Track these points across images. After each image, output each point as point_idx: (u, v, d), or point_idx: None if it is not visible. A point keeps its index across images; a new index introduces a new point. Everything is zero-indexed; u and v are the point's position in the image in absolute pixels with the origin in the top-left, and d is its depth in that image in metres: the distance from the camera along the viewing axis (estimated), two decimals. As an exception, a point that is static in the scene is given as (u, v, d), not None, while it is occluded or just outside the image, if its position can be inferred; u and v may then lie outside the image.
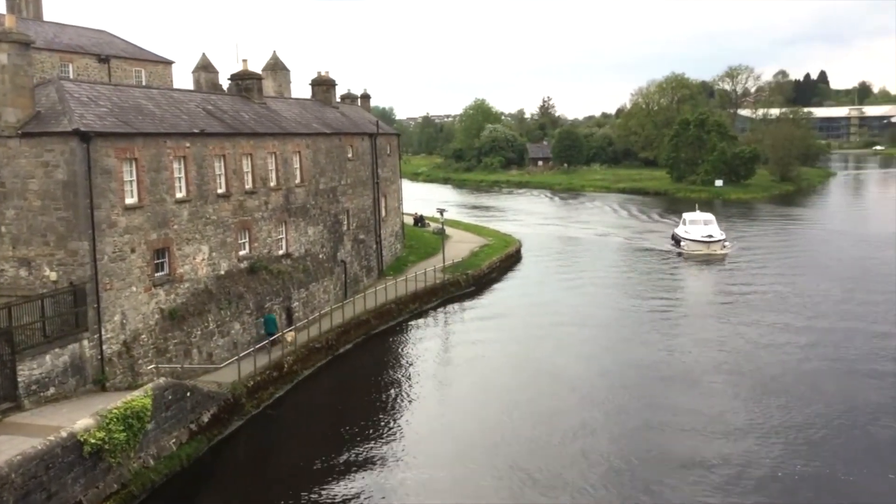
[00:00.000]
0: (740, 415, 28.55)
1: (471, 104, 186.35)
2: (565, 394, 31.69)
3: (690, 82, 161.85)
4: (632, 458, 25.24)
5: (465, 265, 54.58)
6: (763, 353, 35.96)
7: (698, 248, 60.82)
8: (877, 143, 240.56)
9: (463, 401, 32.12)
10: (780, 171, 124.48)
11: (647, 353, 36.59)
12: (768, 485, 23.14)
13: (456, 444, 27.42)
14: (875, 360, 34.52)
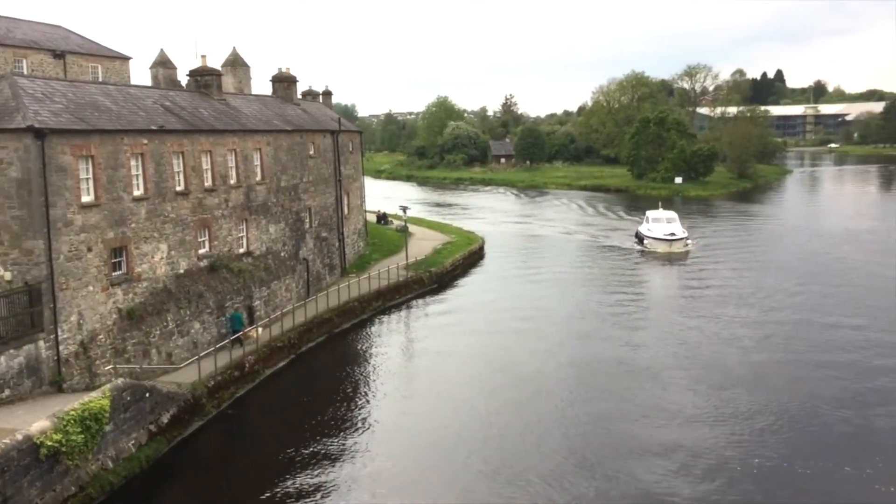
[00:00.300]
0: (700, 409, 28.98)
1: (433, 101, 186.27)
2: (527, 388, 31.89)
3: (650, 81, 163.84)
4: (592, 452, 25.52)
5: (428, 263, 54.60)
6: (722, 347, 36.55)
7: (661, 247, 61.20)
8: (831, 141, 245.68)
9: (426, 397, 32.16)
10: (737, 168, 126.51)
11: (608, 348, 37.00)
12: (727, 478, 23.50)
13: (419, 440, 27.47)
14: (830, 351, 35.31)
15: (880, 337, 37.36)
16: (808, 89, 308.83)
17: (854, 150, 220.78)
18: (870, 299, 44.88)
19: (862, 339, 37.10)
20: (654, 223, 64.11)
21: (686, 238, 62.60)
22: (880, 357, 34.34)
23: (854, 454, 24.75)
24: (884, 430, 26.73)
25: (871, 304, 43.84)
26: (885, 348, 35.58)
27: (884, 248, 62.93)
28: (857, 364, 33.47)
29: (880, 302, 44.22)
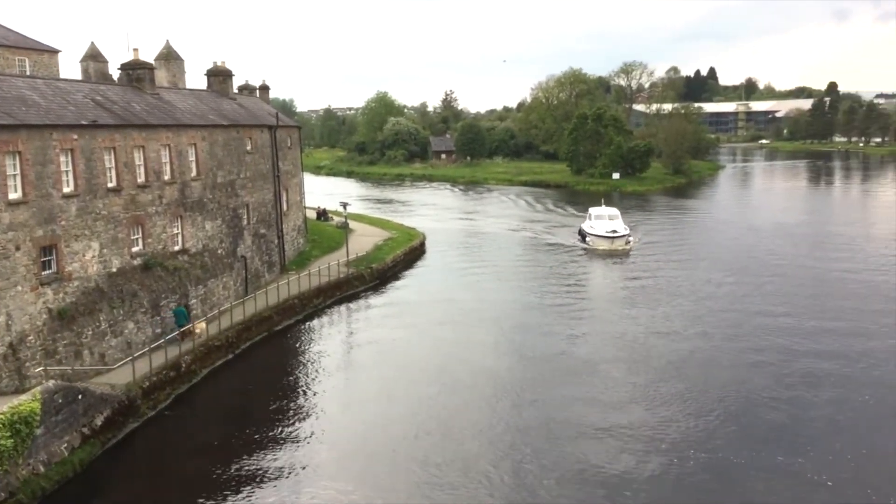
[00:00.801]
0: (637, 400, 29.55)
1: (373, 97, 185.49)
2: (468, 384, 32.03)
3: (588, 78, 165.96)
4: (531, 443, 25.80)
5: (369, 259, 54.37)
6: (659, 339, 37.30)
7: (603, 244, 61.20)
8: (762, 137, 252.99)
9: (368, 395, 32.01)
10: (673, 164, 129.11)
11: (549, 341, 37.42)
12: (664, 470, 23.99)
13: (362, 437, 27.34)
14: (762, 342, 36.33)
15: (810, 327, 38.61)
16: (740, 87, 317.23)
17: (784, 145, 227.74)
18: (799, 291, 46.38)
19: (792, 329, 38.28)
20: (597, 220, 64.09)
21: (628, 235, 62.65)
22: (810, 347, 35.50)
23: (786, 443, 25.48)
24: (814, 418, 27.58)
25: (801, 295, 45.30)
26: (814, 338, 36.77)
27: (812, 241, 65.13)
28: (788, 354, 34.52)
29: (810, 294, 45.74)
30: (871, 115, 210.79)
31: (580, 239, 65.21)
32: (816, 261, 56.02)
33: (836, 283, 48.77)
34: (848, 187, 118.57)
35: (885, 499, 21.70)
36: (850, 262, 54.86)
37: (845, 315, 40.62)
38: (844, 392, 29.74)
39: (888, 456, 24.54)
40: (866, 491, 22.15)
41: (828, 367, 32.54)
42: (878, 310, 41.48)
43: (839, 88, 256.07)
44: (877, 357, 33.76)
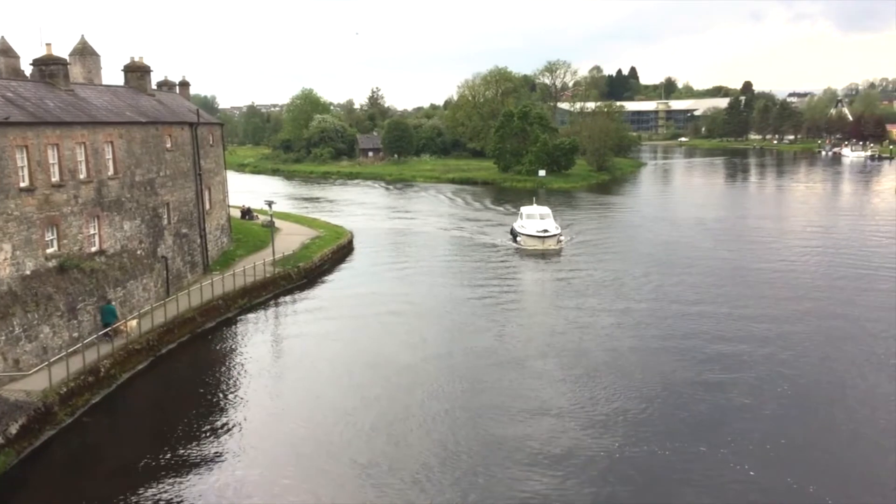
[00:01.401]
0: (564, 396, 29.87)
1: (298, 94, 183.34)
2: (397, 382, 31.93)
3: (513, 76, 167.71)
4: (459, 444, 25.80)
5: (296, 258, 53.68)
6: (587, 335, 37.80)
7: (534, 244, 60.71)
8: (681, 135, 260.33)
9: (296, 396, 31.59)
10: (596, 161, 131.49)
11: (478, 340, 37.51)
12: (590, 462, 24.29)
13: (288, 440, 26.94)
14: (686, 335, 37.18)
15: (730, 318, 39.75)
16: (660, 86, 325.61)
17: (702, 143, 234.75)
18: (719, 283, 47.77)
19: (713, 320, 39.37)
20: (528, 220, 63.55)
21: (559, 234, 62.31)
22: (730, 338, 36.55)
23: (709, 434, 26.05)
24: (735, 408, 28.34)
25: (721, 287, 46.66)
26: (734, 329, 37.88)
27: (730, 236, 67.25)
28: (710, 345, 35.47)
29: (728, 286, 47.16)
30: (784, 113, 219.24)
31: (512, 238, 64.64)
32: (734, 254, 57.88)
33: (753, 275, 50.40)
34: (763, 183, 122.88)
35: (804, 485, 22.42)
36: (765, 255, 56.83)
37: (763, 306, 42.02)
38: (763, 382, 30.67)
39: (805, 445, 25.30)
40: (786, 479, 22.79)
41: (747, 358, 33.55)
42: (794, 301, 43.04)
43: (754, 87, 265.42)
44: (793, 348, 34.95)
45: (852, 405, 28.48)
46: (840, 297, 43.93)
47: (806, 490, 22.19)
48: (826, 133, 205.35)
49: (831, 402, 28.80)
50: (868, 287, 46.11)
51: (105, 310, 34.15)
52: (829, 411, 28.03)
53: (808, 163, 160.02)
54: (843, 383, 30.62)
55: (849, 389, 29.97)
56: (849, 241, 62.63)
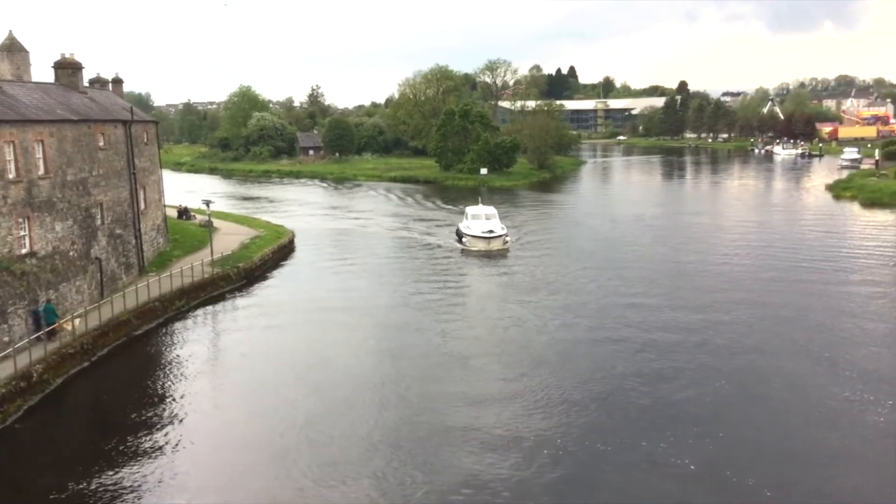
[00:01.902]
0: (507, 393, 29.92)
1: (236, 91, 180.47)
2: (340, 382, 31.63)
3: (454, 74, 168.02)
4: (403, 441, 25.69)
5: (235, 258, 52.77)
6: (530, 334, 37.83)
7: (479, 244, 59.57)
8: (620, 134, 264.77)
9: (236, 398, 31.02)
10: (537, 159, 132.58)
11: (421, 340, 37.31)
12: (533, 460, 24.31)
13: (229, 445, 26.48)
14: (627, 331, 37.52)
15: (670, 314, 40.30)
16: (598, 85, 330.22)
17: (639, 142, 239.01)
18: (658, 280, 48.53)
19: (654, 316, 39.87)
20: (474, 220, 62.06)
21: (505, 235, 61.15)
22: (670, 333, 37.05)
23: (649, 428, 26.35)
24: (675, 402, 28.69)
25: (660, 284, 47.39)
26: (673, 325, 38.42)
27: (668, 232, 68.54)
28: (650, 340, 35.87)
29: (667, 282, 47.95)
30: (718, 112, 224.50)
31: (457, 239, 63.40)
32: (672, 249, 58.94)
33: (690, 269, 51.41)
34: (698, 180, 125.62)
35: (743, 479, 22.78)
36: (701, 250, 57.98)
37: (700, 300, 42.82)
38: (700, 375, 31.22)
39: (744, 437, 25.73)
40: (725, 473, 23.17)
41: (686, 353, 34.05)
42: (729, 294, 43.94)
43: (689, 87, 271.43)
44: (729, 340, 35.65)
45: (786, 395, 29.20)
46: (773, 289, 45.03)
47: (745, 482, 22.61)
48: (758, 132, 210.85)
49: (767, 393, 29.43)
50: (798, 278, 47.41)
51: (46, 309, 33.57)
52: (764, 402, 28.64)
53: (741, 160, 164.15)
54: (777, 374, 31.32)
55: (782, 379, 30.69)
56: (781, 235, 64.35)
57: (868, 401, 28.17)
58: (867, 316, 39.21)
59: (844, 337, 35.86)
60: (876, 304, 41.58)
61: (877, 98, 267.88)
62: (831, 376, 30.75)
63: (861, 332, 36.53)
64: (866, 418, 26.88)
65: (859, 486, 22.60)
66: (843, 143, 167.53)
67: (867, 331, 36.79)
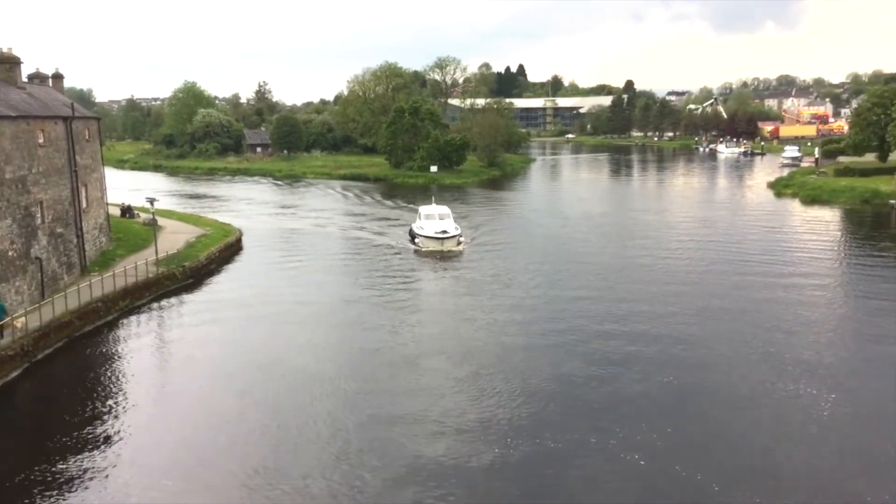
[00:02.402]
0: (458, 393, 29.72)
1: (181, 87, 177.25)
2: (287, 385, 31.18)
3: (403, 72, 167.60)
4: (353, 445, 25.39)
5: (181, 257, 51.77)
6: (481, 333, 37.68)
7: (433, 245, 58.21)
8: (568, 132, 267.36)
9: (181, 400, 30.38)
10: (487, 157, 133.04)
11: (371, 340, 36.96)
12: (481, 458, 24.18)
13: (173, 446, 25.91)
14: (576, 328, 37.72)
15: (619, 310, 40.68)
16: (547, 83, 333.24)
17: (587, 140, 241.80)
18: (608, 276, 48.98)
19: (603, 313, 40.17)
20: (427, 220, 60.75)
21: (459, 235, 59.91)
22: (619, 329, 37.36)
23: (599, 425, 26.39)
24: (624, 398, 28.83)
25: (609, 280, 47.86)
26: (622, 321, 38.78)
27: (617, 229, 69.34)
28: (601, 338, 36.02)
29: (616, 278, 48.44)
30: (663, 111, 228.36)
31: (410, 240, 62.01)
32: (620, 247, 59.62)
33: (638, 266, 51.96)
34: (645, 178, 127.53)
35: (692, 474, 23.02)
36: (649, 247, 58.70)
37: (649, 297, 43.22)
38: (649, 371, 31.43)
39: (692, 434, 25.99)
40: (674, 468, 23.38)
41: (635, 349, 34.33)
42: (676, 291, 44.63)
43: (636, 86, 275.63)
44: (677, 337, 36.03)
45: (732, 390, 29.60)
46: (718, 284, 45.86)
47: (694, 478, 22.84)
48: (703, 130, 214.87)
49: (713, 388, 29.87)
50: (742, 273, 48.36)
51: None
52: (711, 397, 29.09)
53: (686, 159, 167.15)
54: (723, 368, 31.80)
55: (728, 374, 31.16)
56: (726, 232, 65.64)
57: (811, 394, 28.81)
58: (808, 309, 40.21)
59: (788, 330, 36.63)
60: (816, 297, 42.76)
61: (816, 98, 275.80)
62: (775, 370, 31.33)
63: (803, 326, 37.43)
64: (811, 412, 27.44)
65: (805, 479, 23.04)
66: (784, 142, 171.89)
67: (809, 324, 37.74)
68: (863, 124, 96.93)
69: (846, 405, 27.97)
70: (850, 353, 34.05)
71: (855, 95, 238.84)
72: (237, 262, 57.03)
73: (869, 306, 41.40)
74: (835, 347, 34.66)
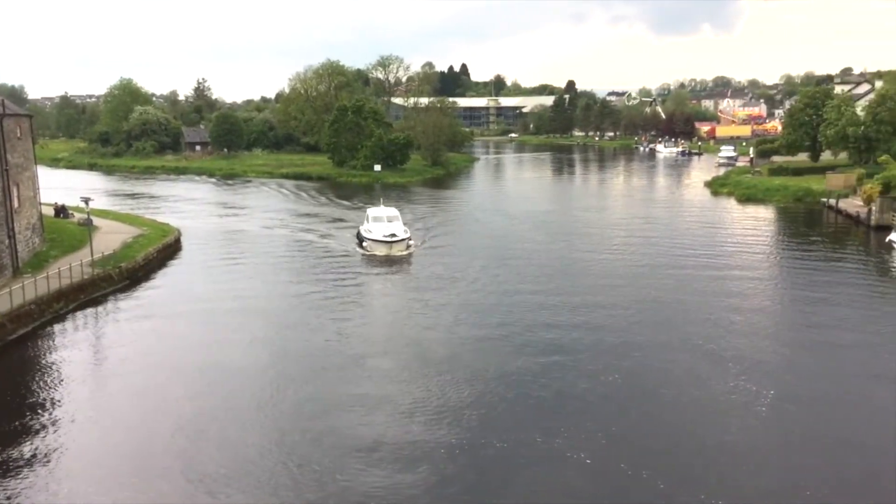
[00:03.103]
0: (404, 393, 29.45)
1: (117, 84, 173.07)
2: (228, 387, 30.50)
3: (346, 70, 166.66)
4: (298, 447, 25.02)
5: (117, 258, 50.41)
6: (426, 332, 37.38)
7: (381, 249, 56.05)
8: (512, 131, 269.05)
9: (120, 405, 29.45)
10: (431, 156, 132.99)
11: (315, 340, 36.45)
12: (427, 458, 24.00)
13: (114, 453, 25.17)
14: (522, 327, 37.64)
15: (564, 309, 40.77)
16: (490, 83, 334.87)
17: (530, 139, 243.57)
18: (552, 275, 49.20)
19: (548, 311, 40.19)
20: (375, 223, 58.62)
21: (408, 238, 57.94)
22: (564, 327, 37.41)
23: (544, 424, 26.30)
24: (569, 397, 28.83)
25: (555, 279, 48.08)
26: (569, 320, 38.77)
27: (560, 228, 69.99)
28: (545, 335, 36.14)
29: (561, 276, 48.80)
30: (604, 111, 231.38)
31: (357, 243, 59.65)
32: (565, 245, 60.02)
33: (581, 264, 52.46)
34: (587, 177, 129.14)
35: (638, 473, 23.05)
36: (592, 246, 59.33)
37: (592, 295, 43.48)
38: (592, 370, 31.43)
39: (637, 432, 26.08)
40: (620, 466, 23.39)
41: (578, 347, 34.35)
42: (619, 288, 45.03)
43: (577, 86, 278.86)
44: (620, 335, 36.31)
45: (674, 388, 29.80)
46: (659, 281, 46.56)
47: (640, 476, 22.86)
48: (642, 130, 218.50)
49: (656, 387, 29.98)
50: (681, 270, 49.25)
51: None
52: (654, 395, 29.25)
53: (626, 158, 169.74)
54: (665, 366, 32.08)
55: (670, 372, 31.48)
56: (665, 230, 66.72)
57: (752, 391, 29.12)
58: (745, 306, 41.06)
59: (725, 328, 37.20)
60: (753, 293, 43.88)
61: (751, 98, 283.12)
62: (717, 368, 31.63)
63: (742, 322, 38.16)
64: (751, 409, 27.64)
65: (747, 476, 23.28)
66: (721, 142, 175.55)
67: (746, 320, 38.51)
68: (795, 125, 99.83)
69: (781, 390, 28.72)
70: (784, 341, 35.25)
71: (788, 96, 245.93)
72: (176, 263, 55.79)
73: (802, 297, 42.96)
74: (770, 335, 35.79)
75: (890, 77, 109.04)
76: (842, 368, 31.83)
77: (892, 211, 62.32)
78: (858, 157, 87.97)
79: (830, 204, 74.06)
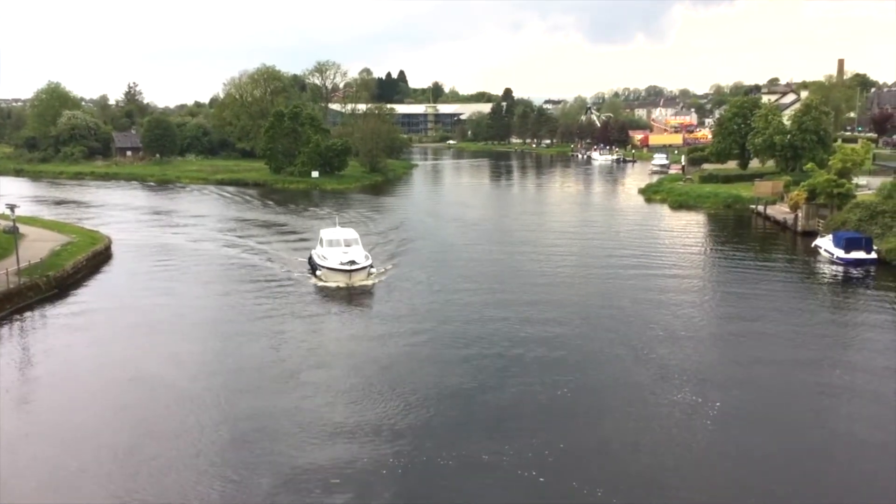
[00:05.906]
0: (342, 408, 28.97)
1: (44, 87, 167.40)
2: (160, 402, 29.73)
3: (282, 75, 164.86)
4: (231, 464, 24.48)
5: (45, 266, 48.73)
6: (363, 345, 36.88)
7: (338, 278, 48.21)
8: (450, 138, 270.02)
9: (47, 418, 28.45)
10: (369, 162, 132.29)
11: (250, 353, 35.48)
12: (369, 477, 23.67)
13: (39, 467, 24.28)
14: (467, 337, 37.33)
15: (511, 320, 40.42)
16: (428, 90, 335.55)
17: (469, 146, 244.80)
18: (494, 282, 49.30)
19: (493, 321, 39.96)
20: (330, 247, 50.80)
21: (370, 266, 50.01)
22: (506, 338, 37.16)
23: (490, 440, 25.87)
24: (516, 412, 28.31)
25: (497, 286, 48.20)
26: (510, 329, 38.65)
27: (498, 235, 70.54)
28: (492, 348, 35.64)
29: (505, 282, 48.97)
30: (541, 119, 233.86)
31: (310, 270, 51.81)
32: (504, 253, 60.28)
33: (521, 270, 52.78)
34: (525, 183, 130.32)
35: (592, 489, 22.79)
36: (531, 252, 59.79)
37: (532, 303, 43.71)
38: (534, 383, 31.13)
39: (586, 447, 25.79)
40: (571, 483, 23.08)
41: (526, 359, 34.03)
42: (560, 296, 45.43)
43: (514, 94, 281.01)
44: (563, 347, 35.94)
45: (619, 400, 29.73)
46: (597, 286, 47.33)
47: (594, 493, 22.56)
48: (578, 137, 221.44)
49: (600, 400, 29.81)
50: (617, 273, 50.21)
51: None
52: (599, 408, 29.09)
53: (563, 165, 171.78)
54: (609, 378, 31.98)
55: (614, 383, 31.48)
56: (601, 236, 67.77)
57: (696, 403, 29.09)
58: (682, 311, 41.74)
59: (662, 335, 37.42)
60: (684, 289, 46.20)
61: (682, 108, 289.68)
62: (660, 377, 31.63)
63: (681, 327, 38.72)
64: (695, 421, 27.59)
65: (696, 487, 23.45)
66: (654, 150, 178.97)
67: (686, 326, 39.07)
68: (725, 133, 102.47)
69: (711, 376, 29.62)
70: (714, 334, 37.28)
71: (717, 106, 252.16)
72: (106, 272, 54.28)
73: (732, 294, 45.51)
74: (701, 328, 37.53)
75: (815, 87, 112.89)
76: (770, 356, 34.28)
77: (817, 217, 64.57)
78: (785, 165, 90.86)
79: (759, 210, 76.37)
